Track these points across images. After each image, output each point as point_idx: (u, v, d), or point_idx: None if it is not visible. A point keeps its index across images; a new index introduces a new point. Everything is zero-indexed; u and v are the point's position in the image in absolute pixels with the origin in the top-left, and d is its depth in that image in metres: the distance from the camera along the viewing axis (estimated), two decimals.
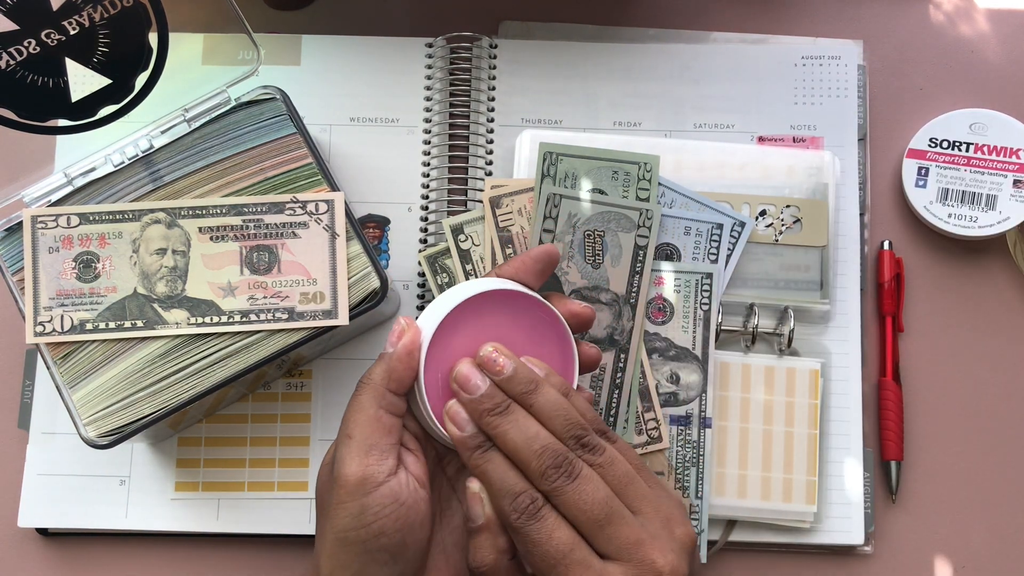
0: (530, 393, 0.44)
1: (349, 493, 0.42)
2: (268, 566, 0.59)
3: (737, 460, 0.57)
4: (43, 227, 0.51)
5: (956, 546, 0.59)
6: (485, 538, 0.43)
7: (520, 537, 0.42)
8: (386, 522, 0.42)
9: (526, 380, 0.44)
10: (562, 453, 0.42)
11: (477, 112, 0.62)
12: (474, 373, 0.44)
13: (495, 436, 0.43)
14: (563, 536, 0.41)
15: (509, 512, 0.42)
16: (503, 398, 0.44)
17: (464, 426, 0.44)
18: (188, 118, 0.53)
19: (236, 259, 0.51)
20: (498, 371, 0.44)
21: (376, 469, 0.42)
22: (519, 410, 0.43)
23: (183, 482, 0.58)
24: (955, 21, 0.65)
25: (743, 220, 0.59)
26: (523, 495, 0.42)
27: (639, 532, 0.41)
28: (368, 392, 0.44)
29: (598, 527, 0.41)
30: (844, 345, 0.59)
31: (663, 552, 0.41)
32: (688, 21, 0.65)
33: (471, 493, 0.44)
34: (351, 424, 0.44)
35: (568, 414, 0.43)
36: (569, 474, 0.42)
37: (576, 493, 0.42)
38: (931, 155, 0.61)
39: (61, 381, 0.50)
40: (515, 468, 0.43)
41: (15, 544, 0.59)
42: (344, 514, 0.42)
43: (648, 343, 0.57)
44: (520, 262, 0.48)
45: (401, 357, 0.44)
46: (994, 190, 0.60)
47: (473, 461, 0.43)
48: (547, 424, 0.43)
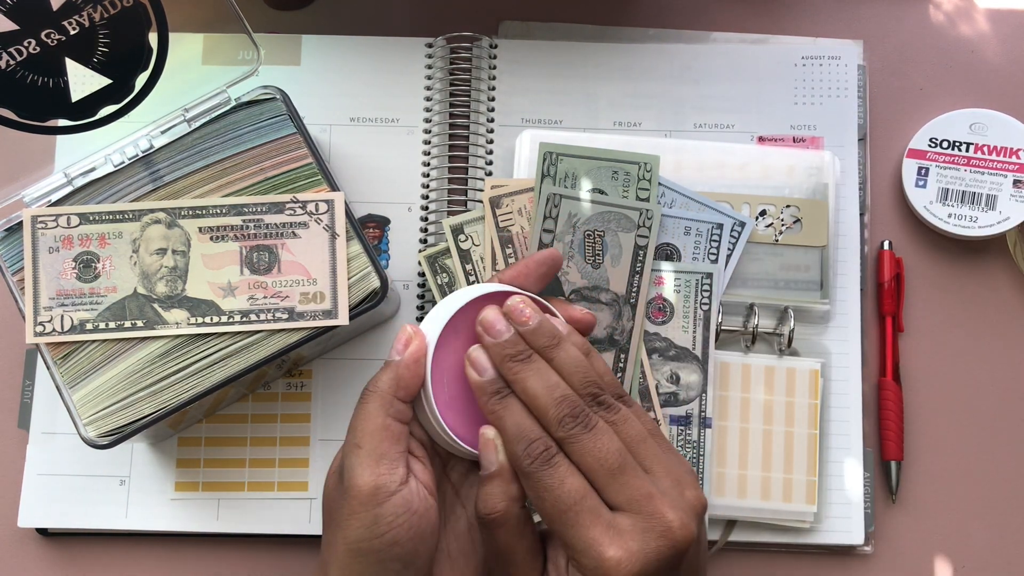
0: (552, 347, 0.44)
1: (362, 503, 0.42)
2: (268, 566, 0.59)
3: (737, 460, 0.57)
4: (43, 227, 0.51)
5: (956, 546, 0.59)
6: (496, 485, 0.43)
7: (532, 483, 0.42)
8: (399, 531, 0.42)
9: (550, 334, 0.44)
10: (579, 404, 0.43)
11: (477, 112, 0.62)
12: (499, 319, 0.44)
13: (514, 382, 0.43)
14: (575, 484, 0.41)
15: (523, 457, 0.42)
16: (525, 346, 0.44)
17: (484, 371, 0.44)
18: (188, 118, 0.53)
19: (236, 259, 0.51)
20: (524, 321, 0.44)
21: (388, 479, 0.42)
22: (540, 360, 0.44)
23: (183, 482, 0.58)
24: (955, 21, 0.65)
25: (743, 220, 0.59)
26: (538, 441, 0.42)
27: (650, 487, 0.42)
28: (376, 401, 0.44)
29: (611, 477, 0.41)
30: (844, 345, 0.59)
31: (673, 508, 0.41)
32: (688, 21, 0.65)
33: (485, 440, 0.43)
34: (360, 433, 0.43)
35: (587, 372, 0.44)
36: (585, 425, 0.42)
37: (591, 442, 0.42)
38: (931, 155, 0.61)
39: (61, 381, 0.50)
40: (531, 416, 0.43)
41: (15, 544, 0.59)
42: (357, 524, 0.42)
43: (648, 343, 0.57)
44: (523, 266, 0.48)
45: (409, 364, 0.44)
46: (994, 190, 0.60)
47: (490, 406, 0.44)
48: (566, 378, 0.43)
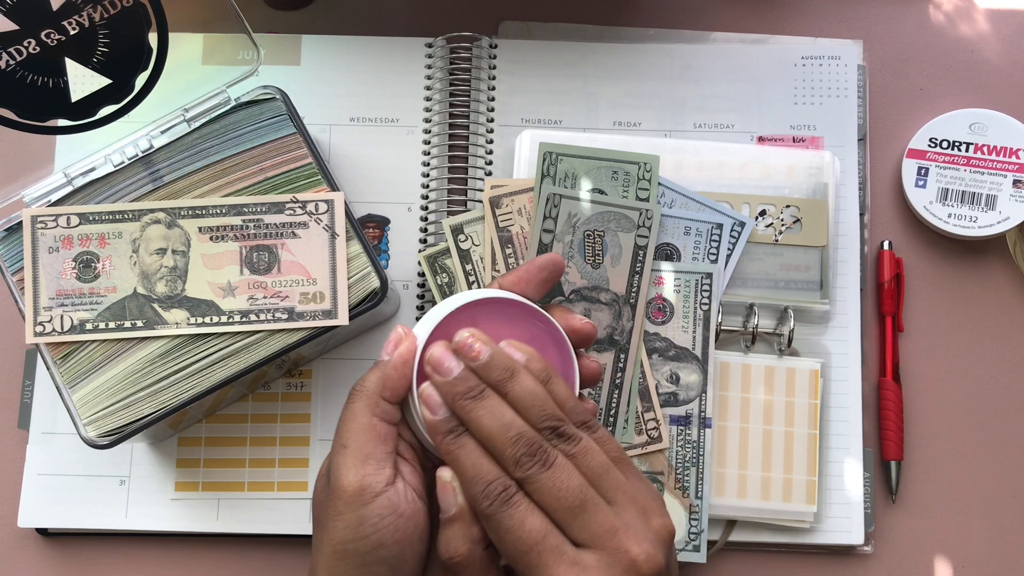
0: (506, 380, 0.43)
1: (347, 504, 0.41)
2: (268, 566, 0.59)
3: (737, 460, 0.57)
4: (43, 227, 0.51)
5: (956, 546, 0.59)
6: (457, 528, 0.42)
7: (492, 525, 0.41)
8: (385, 533, 0.41)
9: (502, 367, 0.43)
10: (536, 441, 0.41)
11: (477, 112, 0.62)
12: (447, 356, 0.43)
13: (468, 421, 0.42)
14: (535, 523, 0.40)
15: (481, 499, 0.41)
16: (477, 382, 0.43)
17: (437, 409, 0.43)
18: (188, 118, 0.53)
19: (236, 259, 0.51)
20: (474, 357, 0.43)
21: (374, 479, 0.42)
22: (493, 396, 0.43)
23: (183, 482, 0.58)
24: (955, 21, 0.65)
25: (743, 220, 0.59)
26: (495, 482, 0.41)
27: (613, 520, 0.41)
28: (361, 400, 0.43)
29: (572, 515, 0.41)
30: (844, 345, 0.59)
31: (638, 541, 0.40)
32: (688, 21, 0.65)
33: (442, 482, 0.43)
34: (346, 433, 0.43)
35: (544, 404, 0.42)
36: (543, 462, 0.41)
37: (550, 480, 0.41)
38: (931, 155, 0.61)
39: (61, 381, 0.50)
40: (488, 455, 0.42)
41: (15, 544, 0.59)
42: (342, 525, 0.42)
43: (648, 343, 0.57)
44: (523, 271, 0.47)
45: (396, 365, 0.44)
46: (994, 190, 0.60)
47: (445, 446, 0.43)
48: (522, 413, 0.42)
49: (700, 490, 0.56)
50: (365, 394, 0.44)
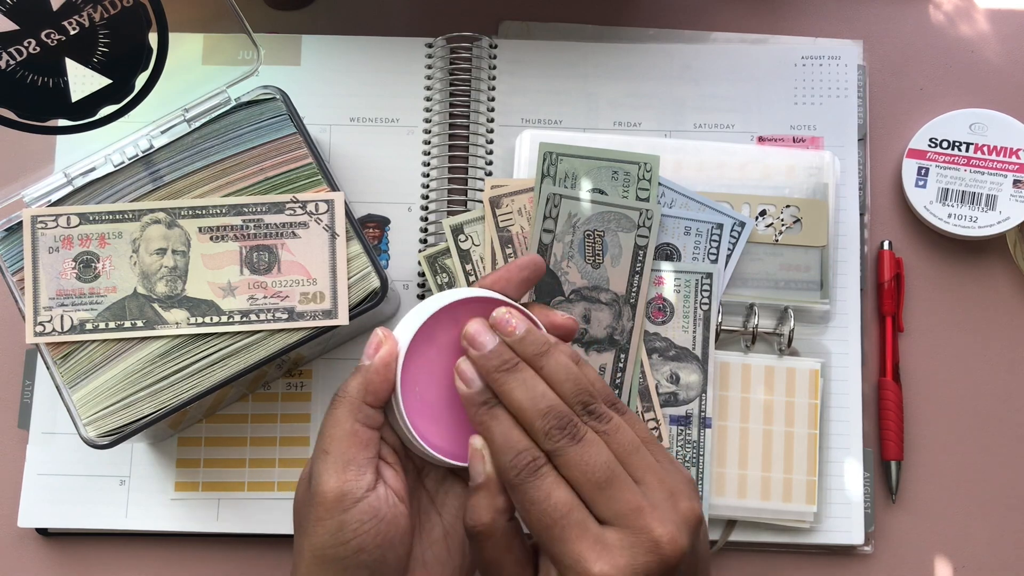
0: (541, 355, 0.43)
1: (328, 510, 0.41)
2: (268, 566, 0.59)
3: (737, 460, 0.57)
4: (43, 227, 0.51)
5: (956, 546, 0.59)
6: (483, 496, 0.42)
7: (519, 495, 0.41)
8: (365, 538, 0.41)
9: (538, 342, 0.43)
10: (567, 415, 0.42)
11: (477, 112, 0.62)
12: (484, 331, 0.44)
13: (502, 393, 0.43)
14: (562, 496, 0.40)
15: (509, 468, 0.41)
16: (512, 355, 0.43)
17: (471, 382, 0.43)
18: (188, 118, 0.53)
19: (236, 259, 0.51)
20: (510, 332, 0.43)
21: (355, 484, 0.42)
22: (527, 369, 0.43)
23: (183, 482, 0.58)
24: (955, 21, 0.65)
25: (743, 220, 0.59)
26: (525, 452, 0.41)
27: (639, 499, 0.41)
28: (344, 406, 0.43)
29: (598, 490, 0.41)
30: (844, 345, 0.59)
31: (662, 522, 0.40)
32: (688, 21, 0.65)
33: (473, 450, 0.43)
34: (327, 439, 0.43)
35: (577, 379, 0.43)
36: (573, 436, 0.41)
37: (579, 454, 0.41)
38: (931, 155, 0.61)
39: (61, 381, 0.50)
40: (519, 427, 0.42)
41: (15, 544, 0.59)
42: (322, 531, 0.41)
43: (648, 343, 0.57)
44: (504, 271, 0.47)
45: (378, 369, 0.43)
46: (994, 190, 0.60)
47: (478, 417, 0.43)
48: (556, 388, 0.43)
49: (700, 490, 0.56)
50: (347, 399, 0.43)
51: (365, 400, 0.43)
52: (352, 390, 0.43)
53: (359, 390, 0.43)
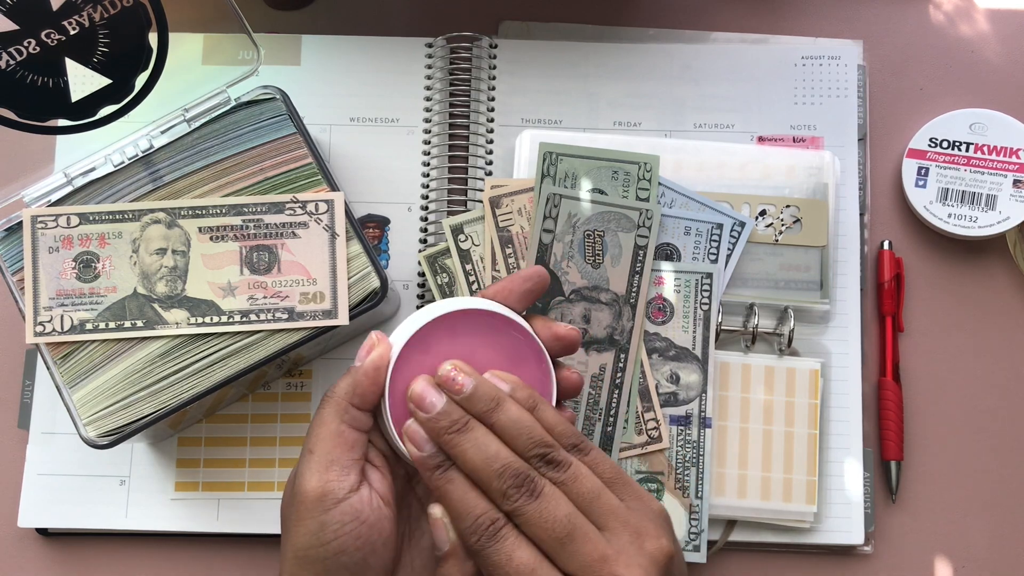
0: (492, 411, 0.42)
1: (308, 509, 0.41)
2: (268, 566, 0.59)
3: (737, 460, 0.57)
4: (43, 227, 0.51)
5: (956, 546, 0.59)
6: (452, 564, 0.42)
7: (482, 560, 0.41)
8: (346, 540, 0.41)
9: (487, 398, 0.42)
10: (523, 472, 0.41)
11: (477, 112, 0.62)
12: (429, 391, 0.43)
13: (454, 456, 0.42)
14: (524, 557, 0.40)
15: (469, 534, 0.41)
16: (461, 414, 0.42)
17: (423, 445, 0.42)
18: (188, 118, 0.53)
19: (236, 259, 0.51)
20: (457, 390, 0.42)
21: (336, 485, 0.41)
22: (479, 427, 0.42)
23: (183, 482, 0.58)
24: (955, 21, 0.65)
25: (743, 220, 0.59)
26: (483, 516, 0.41)
27: (604, 548, 0.40)
28: (331, 406, 0.43)
29: (560, 545, 0.40)
30: (844, 345, 0.59)
31: (628, 567, 0.40)
32: (688, 21, 0.65)
33: (434, 519, 0.42)
34: (313, 439, 0.43)
35: (531, 431, 0.42)
36: (531, 492, 0.41)
37: (538, 511, 0.40)
38: (931, 155, 0.61)
39: (61, 381, 0.50)
40: (475, 488, 0.41)
41: (15, 544, 0.59)
42: (303, 531, 0.41)
43: (648, 343, 0.57)
44: (508, 282, 0.47)
45: (368, 372, 0.43)
46: (994, 190, 0.60)
47: (433, 482, 0.42)
48: (510, 442, 0.42)
49: (700, 490, 0.56)
50: (334, 400, 0.43)
51: (352, 402, 0.43)
52: (340, 391, 0.43)
53: (347, 391, 0.43)
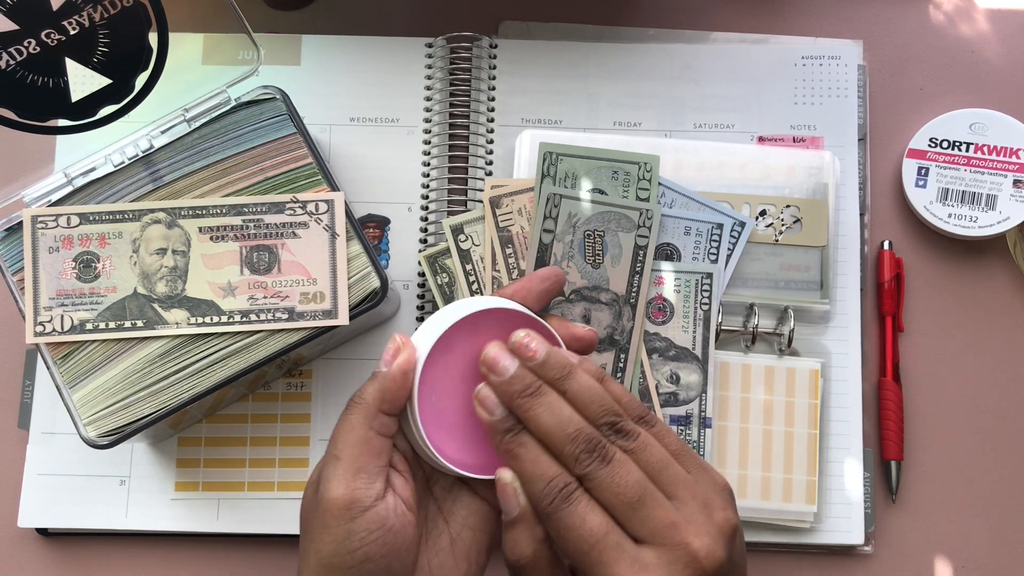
0: (563, 379, 0.42)
1: (335, 517, 0.41)
2: (268, 566, 0.59)
3: (737, 460, 0.57)
4: (43, 227, 0.51)
5: (956, 546, 0.59)
6: (522, 529, 0.42)
7: (553, 523, 0.41)
8: (372, 548, 0.41)
9: (559, 366, 0.43)
10: (595, 438, 0.41)
11: (477, 112, 0.62)
12: (502, 355, 0.43)
13: (527, 419, 0.42)
14: (596, 520, 0.40)
15: (541, 497, 0.41)
16: (534, 379, 0.42)
17: (493, 409, 0.43)
18: (188, 118, 0.53)
19: (236, 259, 0.51)
20: (531, 356, 0.43)
21: (364, 493, 0.41)
22: (551, 393, 0.42)
23: (183, 482, 0.58)
24: (955, 21, 0.65)
25: (743, 220, 0.59)
26: (556, 479, 0.41)
27: (674, 515, 0.41)
28: (359, 412, 0.43)
29: (631, 510, 0.40)
30: (844, 345, 0.59)
31: (698, 535, 0.40)
32: (688, 21, 0.65)
33: (503, 484, 0.42)
34: (340, 444, 0.42)
35: (602, 400, 0.42)
36: (603, 458, 0.41)
37: (609, 476, 0.41)
38: (931, 155, 0.61)
39: (61, 381, 0.50)
40: (547, 452, 0.42)
41: (15, 544, 0.59)
42: (329, 539, 0.41)
43: (648, 343, 0.57)
44: (526, 281, 0.47)
45: (395, 377, 0.43)
46: (994, 190, 0.60)
47: (504, 445, 0.42)
48: (581, 410, 0.42)
49: None
50: (363, 406, 0.43)
51: (381, 408, 0.43)
52: (368, 396, 0.43)
53: (376, 397, 0.43)
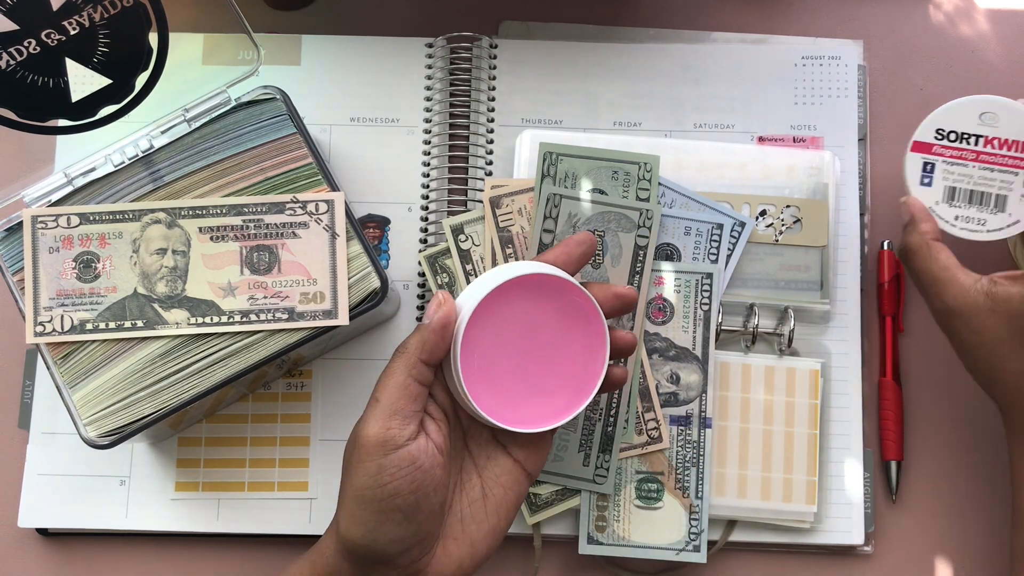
0: None
1: (369, 453, 0.44)
2: (268, 566, 0.59)
3: (737, 460, 0.57)
4: (43, 227, 0.51)
5: (956, 546, 0.59)
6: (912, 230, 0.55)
7: None
8: (401, 483, 0.44)
9: None
10: None
11: (477, 112, 0.62)
12: None
13: None
14: None
15: None
16: None
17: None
18: (188, 118, 0.53)
19: (236, 259, 0.51)
20: None
21: (397, 433, 0.44)
22: None
23: (183, 482, 0.58)
24: (955, 21, 0.65)
25: (743, 220, 0.59)
26: None
27: None
28: (400, 360, 0.46)
29: None
30: (844, 345, 0.59)
31: None
32: (688, 21, 0.65)
33: None
34: (380, 388, 0.46)
35: None
36: None
37: None
38: (937, 148, 0.57)
39: (61, 381, 0.50)
40: None
41: (15, 544, 0.59)
42: (363, 472, 0.44)
43: (648, 343, 0.57)
44: (564, 246, 0.49)
45: (435, 329, 0.45)
46: (1004, 190, 0.56)
47: None
48: None
49: (700, 490, 0.56)
50: (405, 355, 0.46)
51: (421, 357, 0.46)
52: (410, 346, 0.46)
53: (417, 347, 0.46)
